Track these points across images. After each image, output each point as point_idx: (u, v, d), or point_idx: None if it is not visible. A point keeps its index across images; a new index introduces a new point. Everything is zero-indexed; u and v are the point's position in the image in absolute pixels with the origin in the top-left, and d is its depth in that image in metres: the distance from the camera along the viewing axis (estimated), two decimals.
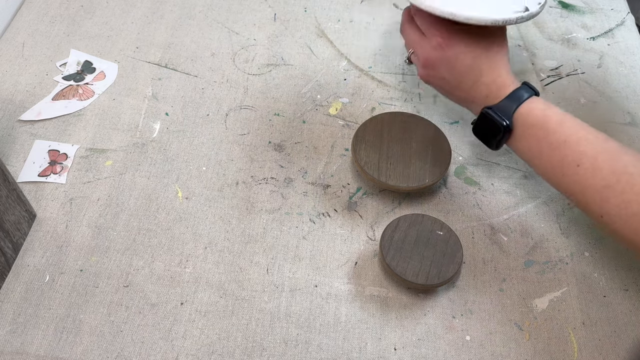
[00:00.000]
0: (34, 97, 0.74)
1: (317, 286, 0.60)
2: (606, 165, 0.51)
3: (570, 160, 0.53)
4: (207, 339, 0.56)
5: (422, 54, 0.62)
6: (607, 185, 0.51)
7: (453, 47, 0.59)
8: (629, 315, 0.59)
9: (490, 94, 0.58)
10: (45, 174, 0.67)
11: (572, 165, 0.53)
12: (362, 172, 0.64)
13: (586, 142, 0.53)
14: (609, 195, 0.51)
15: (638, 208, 0.49)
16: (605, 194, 0.51)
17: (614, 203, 0.51)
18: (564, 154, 0.54)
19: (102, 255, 0.61)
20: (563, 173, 0.54)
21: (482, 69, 0.59)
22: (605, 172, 0.51)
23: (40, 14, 0.83)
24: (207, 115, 0.73)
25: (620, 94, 0.78)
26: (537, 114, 0.56)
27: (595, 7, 0.89)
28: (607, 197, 0.51)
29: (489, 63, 0.59)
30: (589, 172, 0.52)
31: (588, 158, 0.52)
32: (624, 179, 0.50)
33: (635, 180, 0.50)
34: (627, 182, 0.50)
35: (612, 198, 0.51)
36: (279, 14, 0.86)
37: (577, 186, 0.53)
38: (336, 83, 0.77)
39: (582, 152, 0.53)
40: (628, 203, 0.50)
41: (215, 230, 0.63)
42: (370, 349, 0.56)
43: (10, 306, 0.57)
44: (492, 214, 0.66)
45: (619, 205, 0.50)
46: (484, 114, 0.58)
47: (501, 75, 0.59)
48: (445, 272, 0.57)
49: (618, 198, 0.50)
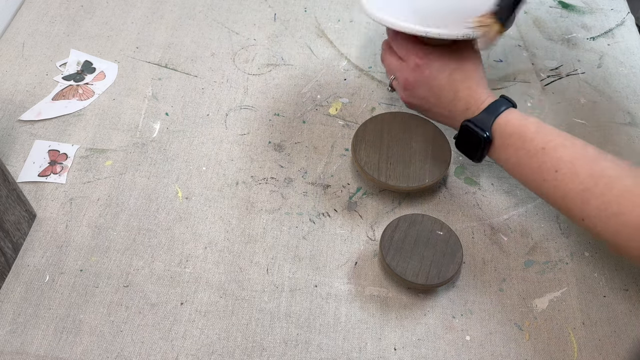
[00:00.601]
0: (34, 97, 0.74)
1: (317, 286, 0.60)
2: (584, 170, 0.53)
3: (549, 166, 0.55)
4: (207, 339, 0.56)
5: (401, 78, 0.65)
6: (586, 188, 0.52)
7: (429, 66, 0.62)
8: (629, 315, 0.59)
9: (469, 107, 0.61)
10: (45, 174, 0.67)
11: (550, 171, 0.54)
12: (362, 172, 0.64)
13: (563, 148, 0.55)
14: (589, 198, 0.52)
15: (617, 209, 0.50)
16: (585, 196, 0.52)
17: (594, 205, 0.52)
18: (542, 160, 0.55)
19: (102, 255, 0.61)
20: (543, 179, 0.55)
21: (458, 84, 0.61)
22: (583, 176, 0.52)
23: (40, 14, 0.83)
24: (207, 115, 0.73)
25: (620, 94, 0.78)
26: (515, 123, 0.58)
27: (595, 7, 0.89)
28: (587, 200, 0.52)
29: (464, 78, 0.61)
30: (568, 177, 0.53)
31: (565, 163, 0.54)
32: (602, 181, 0.51)
33: (613, 183, 0.51)
34: (605, 185, 0.51)
35: (592, 200, 0.52)
36: (279, 14, 0.86)
37: (557, 191, 0.55)
38: (336, 83, 0.77)
39: (559, 158, 0.54)
40: (608, 204, 0.51)
41: (215, 230, 0.63)
42: (370, 349, 0.56)
43: (10, 306, 0.57)
44: (492, 214, 0.66)
45: (598, 207, 0.51)
46: (464, 127, 0.60)
47: (478, 89, 0.61)
48: (445, 272, 0.57)
49: (597, 200, 0.51)
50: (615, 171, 0.52)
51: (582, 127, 0.74)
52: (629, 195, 0.50)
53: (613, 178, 0.51)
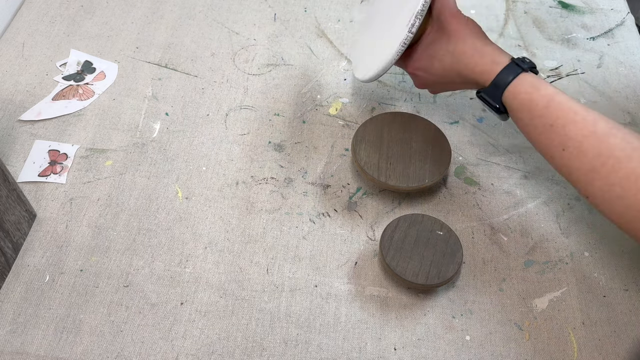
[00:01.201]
0: (34, 97, 0.74)
1: (317, 286, 0.60)
2: (592, 149, 0.51)
3: (557, 143, 0.53)
4: (207, 339, 0.56)
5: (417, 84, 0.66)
6: (592, 168, 0.51)
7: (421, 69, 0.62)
8: (629, 315, 0.59)
9: (478, 82, 0.58)
10: (45, 174, 0.67)
11: (558, 148, 0.53)
12: (362, 172, 0.64)
13: (573, 125, 0.53)
14: (594, 178, 0.51)
15: (621, 191, 0.49)
16: (590, 176, 0.51)
17: (598, 186, 0.51)
18: (551, 137, 0.54)
19: (102, 255, 0.61)
20: (551, 155, 0.54)
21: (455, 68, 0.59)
22: (590, 156, 0.51)
23: (40, 14, 0.83)
24: (207, 115, 0.73)
25: (620, 94, 0.78)
26: (523, 97, 0.55)
27: (595, 7, 0.89)
28: (592, 180, 0.51)
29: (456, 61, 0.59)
30: (574, 156, 0.52)
31: (574, 142, 0.52)
32: (609, 162, 0.50)
33: (620, 164, 0.50)
34: (612, 166, 0.50)
35: (597, 181, 0.51)
36: (279, 14, 0.86)
37: (564, 168, 0.54)
38: (336, 83, 0.77)
39: (567, 135, 0.53)
40: (612, 186, 0.50)
41: (215, 230, 0.63)
42: (370, 349, 0.56)
43: (10, 306, 0.57)
44: (492, 214, 0.66)
45: (602, 189, 0.51)
46: (479, 97, 0.59)
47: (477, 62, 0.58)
48: (445, 272, 0.57)
49: (602, 181, 0.51)
50: (623, 151, 0.50)
51: None
52: (634, 178, 0.49)
53: (620, 159, 0.50)
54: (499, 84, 0.56)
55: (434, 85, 0.64)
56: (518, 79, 0.56)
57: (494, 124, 0.73)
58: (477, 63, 0.58)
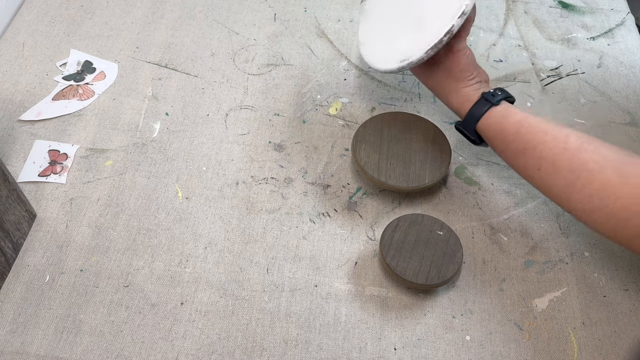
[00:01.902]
0: (34, 97, 0.74)
1: (317, 286, 0.60)
2: (565, 165, 0.53)
3: (532, 165, 0.56)
4: (207, 339, 0.56)
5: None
6: (568, 183, 0.53)
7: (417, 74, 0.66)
8: (629, 315, 0.59)
9: (458, 108, 0.63)
10: (45, 174, 0.67)
11: (534, 169, 0.56)
12: (362, 172, 0.64)
13: (543, 145, 0.55)
14: (571, 192, 0.53)
15: (600, 202, 0.50)
16: (568, 191, 0.53)
17: (577, 199, 0.52)
18: (525, 159, 0.56)
19: (102, 255, 0.61)
20: (529, 176, 0.57)
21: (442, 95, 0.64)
22: (564, 172, 0.53)
23: (40, 14, 0.83)
24: (207, 115, 0.73)
25: (620, 94, 0.78)
26: (495, 127, 0.59)
27: (595, 7, 0.89)
28: (570, 195, 0.53)
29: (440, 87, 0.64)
30: (550, 174, 0.54)
31: (546, 161, 0.54)
32: (583, 176, 0.52)
33: (594, 176, 0.51)
34: (586, 179, 0.51)
35: (574, 195, 0.52)
36: (279, 14, 0.86)
37: (543, 186, 0.56)
38: (336, 83, 0.77)
39: (540, 156, 0.55)
40: (590, 198, 0.51)
41: (215, 230, 0.63)
42: (370, 349, 0.56)
43: (10, 306, 0.57)
44: (492, 214, 0.66)
45: (582, 201, 0.52)
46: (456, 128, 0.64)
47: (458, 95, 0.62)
48: (445, 272, 0.57)
49: (580, 194, 0.52)
50: (596, 164, 0.51)
51: (582, 127, 0.74)
52: (610, 187, 0.50)
53: (593, 171, 0.51)
54: (472, 116, 0.60)
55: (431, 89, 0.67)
56: (489, 112, 0.60)
57: None
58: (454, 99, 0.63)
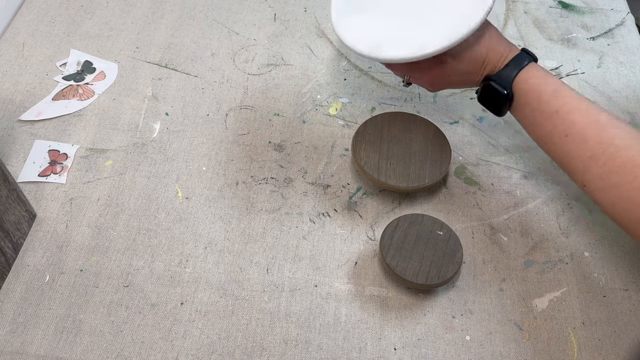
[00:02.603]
0: (34, 97, 0.74)
1: (317, 286, 0.60)
2: (594, 137, 0.52)
3: (560, 130, 0.54)
4: (207, 339, 0.56)
5: (421, 79, 0.63)
6: (592, 155, 0.52)
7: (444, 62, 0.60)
8: (629, 315, 0.59)
9: (494, 67, 0.59)
10: (45, 174, 0.67)
11: (561, 135, 0.54)
12: (362, 172, 0.64)
13: (577, 112, 0.54)
14: (592, 166, 0.52)
15: (617, 180, 0.50)
16: (589, 164, 0.52)
17: (595, 174, 0.52)
18: (555, 124, 0.55)
19: (102, 255, 0.61)
20: (553, 142, 0.55)
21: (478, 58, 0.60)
22: (592, 143, 0.52)
23: (40, 14, 0.83)
24: (207, 115, 0.73)
25: (620, 94, 0.78)
26: (534, 82, 0.57)
27: (595, 7, 0.89)
28: (590, 167, 0.52)
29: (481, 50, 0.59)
30: (576, 143, 0.53)
31: (577, 129, 0.53)
32: (609, 150, 0.51)
33: (619, 152, 0.51)
34: (610, 154, 0.51)
35: (595, 169, 0.52)
36: (279, 14, 0.86)
37: (565, 155, 0.55)
38: (336, 83, 0.77)
39: (571, 122, 0.54)
40: (608, 174, 0.51)
41: (215, 230, 0.63)
42: (370, 349, 0.56)
43: (10, 306, 0.57)
44: (492, 214, 0.66)
45: (599, 176, 0.51)
46: (486, 85, 0.59)
47: (499, 49, 0.59)
48: (445, 272, 0.57)
49: (600, 169, 0.51)
50: (623, 140, 0.51)
51: None
52: (631, 166, 0.49)
53: (619, 147, 0.51)
54: (513, 66, 0.58)
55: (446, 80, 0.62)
56: (530, 65, 0.58)
57: (494, 123, 0.73)
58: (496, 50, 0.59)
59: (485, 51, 0.60)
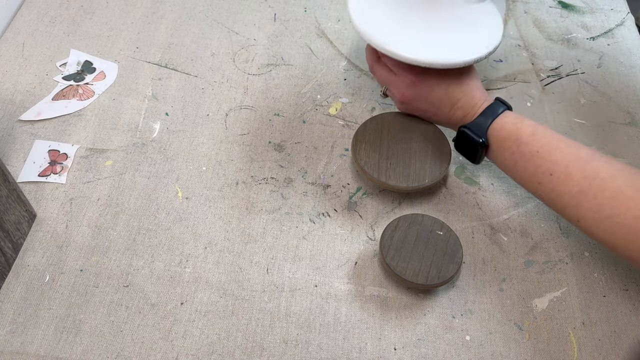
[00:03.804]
0: (34, 97, 0.74)
1: (317, 286, 0.60)
2: (578, 172, 0.53)
3: (544, 169, 0.55)
4: (207, 339, 0.56)
5: (397, 92, 0.66)
6: (580, 190, 0.53)
7: (425, 81, 0.63)
8: (629, 315, 0.59)
9: (466, 114, 0.62)
10: (45, 174, 0.67)
11: (545, 174, 0.55)
12: (362, 172, 0.64)
13: (557, 151, 0.55)
14: (582, 200, 0.53)
15: (610, 211, 0.51)
16: (579, 198, 0.53)
17: (587, 207, 0.52)
18: (537, 164, 0.56)
19: (102, 255, 0.61)
20: (538, 182, 0.56)
21: (456, 96, 0.62)
22: (577, 179, 0.53)
23: (40, 14, 0.83)
24: (207, 115, 0.73)
25: (620, 94, 0.78)
26: (510, 127, 0.58)
27: (595, 7, 0.89)
28: (581, 202, 0.53)
29: (462, 90, 0.62)
30: (562, 180, 0.54)
31: (560, 166, 0.54)
32: (595, 183, 0.52)
33: (606, 185, 0.52)
34: (598, 187, 0.52)
35: (585, 202, 0.53)
36: (279, 14, 0.86)
37: (553, 194, 0.55)
38: (336, 83, 0.77)
39: (554, 161, 0.55)
40: (600, 206, 0.52)
41: (215, 230, 0.63)
42: (370, 349, 0.56)
43: (10, 306, 0.57)
44: (492, 214, 0.66)
45: (592, 209, 0.52)
46: (461, 132, 0.62)
47: (474, 95, 0.62)
48: (445, 272, 0.57)
49: (590, 202, 0.52)
50: (608, 172, 0.52)
51: (582, 127, 0.74)
52: (622, 197, 0.50)
53: (605, 179, 0.52)
54: (487, 115, 0.60)
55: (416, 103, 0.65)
56: (505, 112, 0.60)
57: None
58: (473, 96, 0.62)
59: (460, 95, 0.62)
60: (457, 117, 0.63)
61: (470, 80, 0.63)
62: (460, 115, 0.62)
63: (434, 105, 0.64)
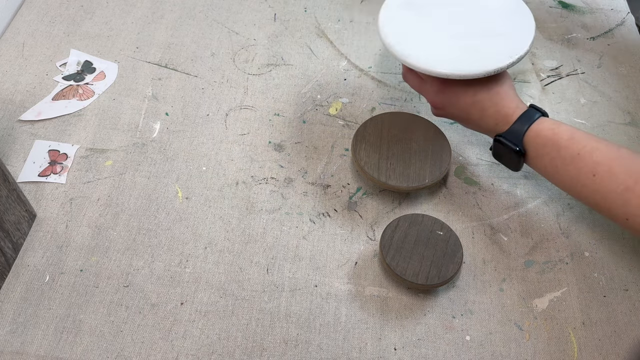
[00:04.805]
0: (34, 97, 0.74)
1: (317, 286, 0.60)
2: (622, 170, 0.53)
3: (586, 171, 0.55)
4: (207, 339, 0.56)
5: (428, 98, 0.65)
6: (626, 188, 0.52)
7: (451, 89, 0.62)
8: (629, 315, 0.59)
9: (498, 122, 0.60)
10: (45, 174, 0.67)
11: (588, 175, 0.55)
12: (362, 172, 0.64)
13: (598, 151, 0.55)
14: (630, 197, 0.52)
15: None
16: (626, 196, 0.52)
17: (635, 204, 0.52)
18: (579, 166, 0.55)
19: (102, 255, 0.61)
20: (582, 184, 0.55)
21: (484, 103, 0.61)
22: (622, 177, 0.52)
23: (40, 14, 0.83)
24: (207, 115, 0.73)
25: (620, 94, 0.78)
26: (546, 133, 0.57)
27: (595, 7, 0.89)
28: (628, 199, 0.52)
29: (490, 97, 0.61)
30: (606, 179, 0.53)
31: (603, 166, 0.54)
32: None
33: None
34: None
35: (633, 199, 0.52)
36: (279, 14, 0.86)
37: (598, 194, 0.55)
38: (336, 83, 0.77)
39: (595, 161, 0.54)
40: None
41: (215, 230, 0.63)
42: (370, 349, 0.56)
43: (10, 306, 0.57)
44: (492, 214, 0.66)
45: None
46: (496, 141, 0.60)
47: (505, 103, 0.60)
48: (445, 272, 0.57)
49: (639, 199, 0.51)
50: None
51: (582, 127, 0.74)
52: None
53: None
54: (521, 123, 0.58)
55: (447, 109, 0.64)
56: (540, 119, 0.59)
57: None
58: (504, 105, 0.60)
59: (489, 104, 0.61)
60: (489, 125, 0.61)
61: (500, 87, 0.61)
62: (492, 124, 0.61)
63: (463, 111, 0.62)
